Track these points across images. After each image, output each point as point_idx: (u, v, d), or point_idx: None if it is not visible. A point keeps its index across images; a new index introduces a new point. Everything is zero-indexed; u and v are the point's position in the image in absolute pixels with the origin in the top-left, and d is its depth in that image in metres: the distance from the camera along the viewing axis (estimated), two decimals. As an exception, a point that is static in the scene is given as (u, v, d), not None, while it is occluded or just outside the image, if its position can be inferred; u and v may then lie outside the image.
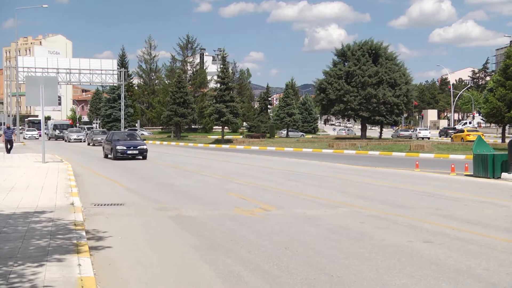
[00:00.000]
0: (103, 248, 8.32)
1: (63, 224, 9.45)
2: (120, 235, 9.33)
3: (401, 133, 74.26)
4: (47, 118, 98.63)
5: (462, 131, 58.62)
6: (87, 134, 61.31)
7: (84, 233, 8.75)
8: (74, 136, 63.78)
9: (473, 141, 59.92)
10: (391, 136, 69.26)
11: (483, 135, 66.69)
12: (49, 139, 68.66)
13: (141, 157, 30.47)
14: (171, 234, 9.62)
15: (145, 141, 53.03)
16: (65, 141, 64.21)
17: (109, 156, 31.22)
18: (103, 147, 33.08)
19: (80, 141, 61.57)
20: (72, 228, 9.09)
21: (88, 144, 51.60)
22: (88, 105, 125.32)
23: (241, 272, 7.06)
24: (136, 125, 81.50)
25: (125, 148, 29.92)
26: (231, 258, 7.78)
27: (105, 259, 7.66)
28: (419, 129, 71.54)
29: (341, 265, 7.37)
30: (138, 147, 30.42)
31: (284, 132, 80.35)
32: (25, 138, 66.48)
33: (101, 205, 12.92)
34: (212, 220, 10.91)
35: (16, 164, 23.52)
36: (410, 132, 72.64)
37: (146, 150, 30.61)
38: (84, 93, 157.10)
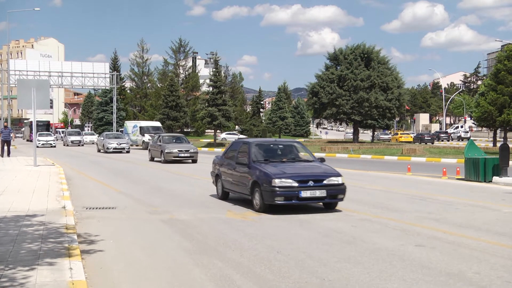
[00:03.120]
0: (95, 252, 8.29)
1: (55, 227, 9.41)
2: (112, 239, 9.31)
3: (381, 136, 74.80)
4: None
5: (397, 133, 75.18)
6: (96, 138, 56.48)
7: (75, 237, 8.71)
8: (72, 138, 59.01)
9: (405, 141, 62.50)
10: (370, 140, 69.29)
11: (411, 137, 69.21)
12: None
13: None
14: (163, 237, 9.60)
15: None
16: (64, 145, 59.41)
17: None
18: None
19: (79, 145, 57.89)
20: (63, 231, 9.06)
21: (99, 151, 43.85)
22: (80, 109, 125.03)
23: (233, 275, 7.06)
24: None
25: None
26: (223, 261, 7.78)
27: (97, 263, 7.64)
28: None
29: (333, 268, 7.38)
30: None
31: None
32: (37, 146, 57.59)
33: (93, 208, 12.88)
34: (204, 223, 10.90)
35: (7, 167, 23.41)
36: (389, 136, 74.53)
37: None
38: (76, 96, 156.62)
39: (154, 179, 20.46)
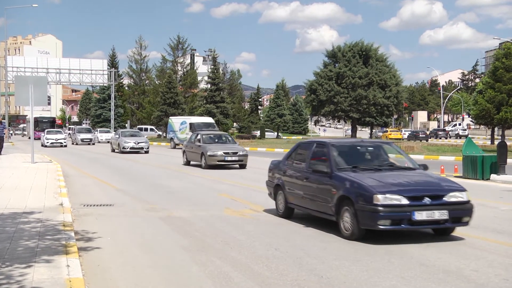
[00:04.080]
0: (92, 249, 8.27)
1: (52, 224, 9.39)
2: (110, 236, 9.29)
3: (378, 134, 74.99)
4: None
5: (386, 131, 75.66)
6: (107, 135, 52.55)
7: (73, 234, 8.69)
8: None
9: (395, 138, 62.93)
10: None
11: (400, 134, 69.94)
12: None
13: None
14: (161, 235, 9.58)
15: None
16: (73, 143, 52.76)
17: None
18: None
19: (89, 143, 51.85)
20: (61, 229, 9.03)
21: (113, 150, 38.37)
22: (78, 105, 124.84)
23: (231, 273, 7.04)
24: (126, 125, 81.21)
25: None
26: (221, 259, 7.76)
27: (94, 260, 7.62)
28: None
29: (331, 266, 7.37)
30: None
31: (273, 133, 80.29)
32: (45, 145, 46.18)
33: (91, 205, 12.86)
34: (202, 221, 10.88)
35: (4, 164, 23.36)
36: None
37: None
38: (74, 93, 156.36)
39: (151, 175, 20.40)
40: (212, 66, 62.51)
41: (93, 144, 51.52)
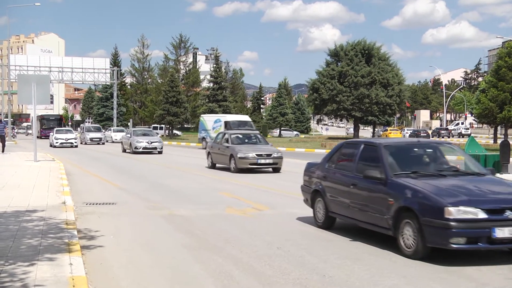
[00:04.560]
0: (95, 248, 8.29)
1: (55, 223, 9.41)
2: (112, 235, 9.31)
3: (381, 133, 74.99)
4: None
5: (386, 130, 76.04)
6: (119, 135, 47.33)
7: (75, 232, 8.71)
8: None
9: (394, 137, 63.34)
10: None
11: (401, 133, 70.14)
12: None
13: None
14: (163, 233, 9.60)
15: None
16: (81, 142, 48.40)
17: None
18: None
19: (99, 143, 48.40)
20: (63, 227, 9.06)
21: (124, 151, 35.99)
22: (81, 104, 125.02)
23: (233, 271, 7.05)
24: (129, 124, 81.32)
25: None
26: (223, 257, 7.77)
27: (97, 259, 7.64)
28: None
29: (333, 265, 7.38)
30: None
31: (277, 131, 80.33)
32: (54, 146, 42.06)
33: (93, 204, 12.88)
34: (204, 219, 10.89)
35: (7, 162, 23.40)
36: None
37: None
38: (76, 92, 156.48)
39: (153, 174, 20.39)
40: (214, 65, 62.59)
41: (103, 143, 48.92)
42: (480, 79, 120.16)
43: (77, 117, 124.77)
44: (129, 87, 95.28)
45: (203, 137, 43.03)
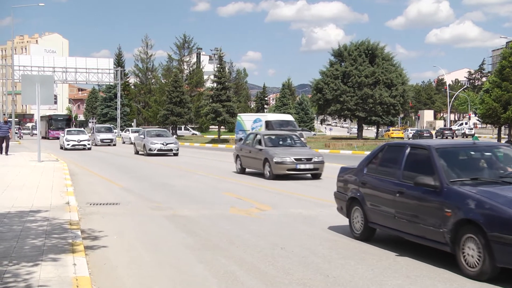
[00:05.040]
0: (99, 248, 8.30)
1: (59, 223, 9.42)
2: (116, 235, 9.32)
3: (384, 133, 74.94)
4: None
5: (388, 130, 77.01)
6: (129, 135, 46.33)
7: (79, 233, 8.72)
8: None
9: (396, 137, 63.04)
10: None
11: (402, 133, 70.34)
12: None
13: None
14: (166, 233, 9.61)
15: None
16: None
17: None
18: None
19: (109, 144, 46.47)
20: (67, 227, 9.07)
21: (137, 152, 33.80)
22: (84, 104, 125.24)
23: (236, 272, 7.05)
24: (133, 124, 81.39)
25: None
26: (227, 258, 7.77)
27: (101, 259, 7.64)
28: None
29: (337, 265, 7.37)
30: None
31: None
32: (65, 148, 38.52)
33: (97, 204, 12.89)
34: (207, 219, 10.89)
35: (11, 163, 23.45)
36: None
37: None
38: (80, 92, 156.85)
39: (156, 174, 20.39)
40: (218, 65, 62.56)
41: (114, 145, 46.65)
42: (484, 79, 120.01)
43: (81, 117, 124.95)
44: (132, 87, 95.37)
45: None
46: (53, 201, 12.06)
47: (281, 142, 20.32)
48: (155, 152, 31.56)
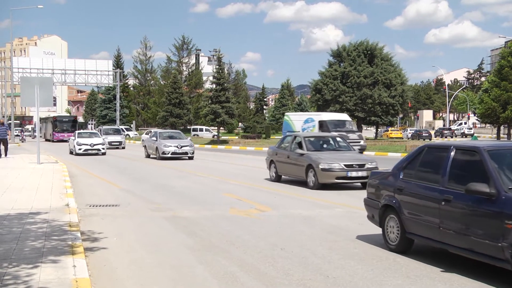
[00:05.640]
0: (99, 249, 8.30)
1: (58, 225, 9.42)
2: (116, 236, 9.31)
3: (383, 133, 75.07)
4: None
5: (387, 130, 78.01)
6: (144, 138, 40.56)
7: (79, 234, 8.72)
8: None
9: (395, 137, 63.25)
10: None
11: (401, 133, 70.35)
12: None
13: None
14: (166, 235, 9.60)
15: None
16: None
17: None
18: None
19: (118, 147, 44.44)
20: (67, 229, 9.06)
21: (148, 156, 31.80)
22: (84, 106, 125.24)
23: (236, 273, 7.05)
24: (132, 126, 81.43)
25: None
26: (227, 259, 7.77)
27: (101, 260, 7.64)
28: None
29: (337, 265, 7.37)
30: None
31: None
32: (76, 153, 33.81)
33: (96, 206, 12.88)
34: (207, 220, 10.89)
35: (10, 165, 23.44)
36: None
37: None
38: (79, 94, 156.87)
39: (156, 175, 20.37)
40: (217, 66, 62.53)
41: (123, 147, 44.45)
42: (483, 79, 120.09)
43: (80, 119, 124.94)
44: (132, 88, 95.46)
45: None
46: (52, 203, 12.05)
47: (325, 146, 17.92)
48: (169, 155, 29.44)
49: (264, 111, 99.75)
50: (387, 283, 6.57)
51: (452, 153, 7.40)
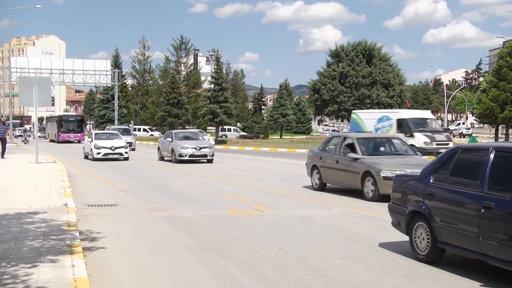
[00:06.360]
0: (97, 249, 8.30)
1: (57, 225, 9.42)
2: (114, 236, 9.31)
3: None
4: None
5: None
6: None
7: (77, 234, 8.72)
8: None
9: None
10: None
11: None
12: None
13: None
14: (165, 234, 9.60)
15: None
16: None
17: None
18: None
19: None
20: (65, 229, 9.07)
21: (162, 158, 29.19)
22: (82, 106, 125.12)
23: (235, 272, 7.06)
24: (130, 125, 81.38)
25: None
26: (225, 258, 7.78)
27: (99, 260, 7.64)
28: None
29: (335, 265, 7.38)
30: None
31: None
32: (93, 158, 28.70)
33: (95, 205, 12.88)
34: (206, 220, 10.89)
35: (8, 165, 23.42)
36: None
37: None
38: (77, 94, 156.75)
39: (155, 175, 20.32)
40: (215, 66, 62.55)
41: (133, 149, 39.62)
42: (481, 79, 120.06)
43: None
44: (130, 88, 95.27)
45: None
46: (51, 203, 12.05)
47: (381, 149, 15.33)
48: (187, 158, 26.92)
49: (262, 111, 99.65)
50: (385, 282, 6.58)
51: (492, 155, 6.68)
